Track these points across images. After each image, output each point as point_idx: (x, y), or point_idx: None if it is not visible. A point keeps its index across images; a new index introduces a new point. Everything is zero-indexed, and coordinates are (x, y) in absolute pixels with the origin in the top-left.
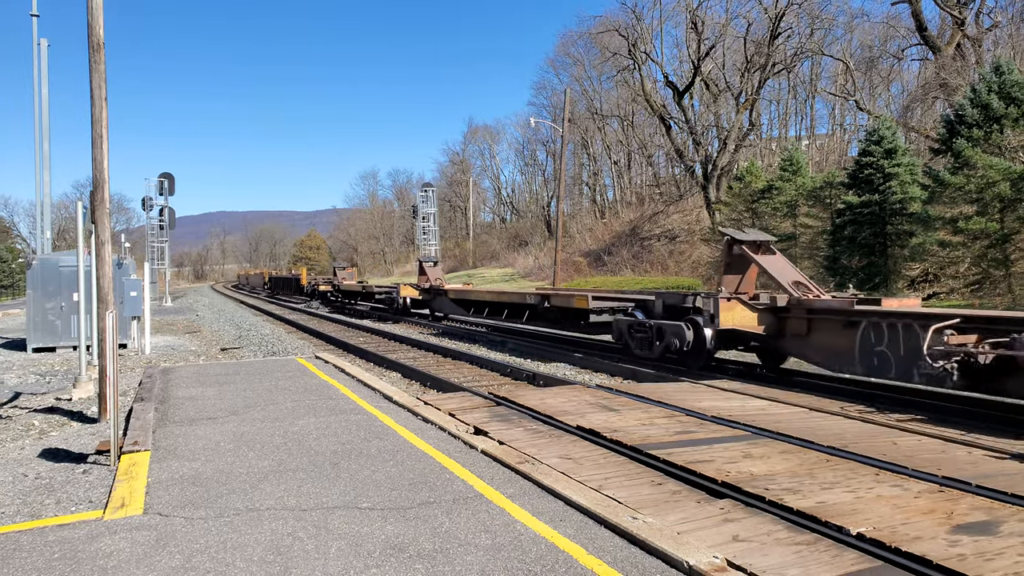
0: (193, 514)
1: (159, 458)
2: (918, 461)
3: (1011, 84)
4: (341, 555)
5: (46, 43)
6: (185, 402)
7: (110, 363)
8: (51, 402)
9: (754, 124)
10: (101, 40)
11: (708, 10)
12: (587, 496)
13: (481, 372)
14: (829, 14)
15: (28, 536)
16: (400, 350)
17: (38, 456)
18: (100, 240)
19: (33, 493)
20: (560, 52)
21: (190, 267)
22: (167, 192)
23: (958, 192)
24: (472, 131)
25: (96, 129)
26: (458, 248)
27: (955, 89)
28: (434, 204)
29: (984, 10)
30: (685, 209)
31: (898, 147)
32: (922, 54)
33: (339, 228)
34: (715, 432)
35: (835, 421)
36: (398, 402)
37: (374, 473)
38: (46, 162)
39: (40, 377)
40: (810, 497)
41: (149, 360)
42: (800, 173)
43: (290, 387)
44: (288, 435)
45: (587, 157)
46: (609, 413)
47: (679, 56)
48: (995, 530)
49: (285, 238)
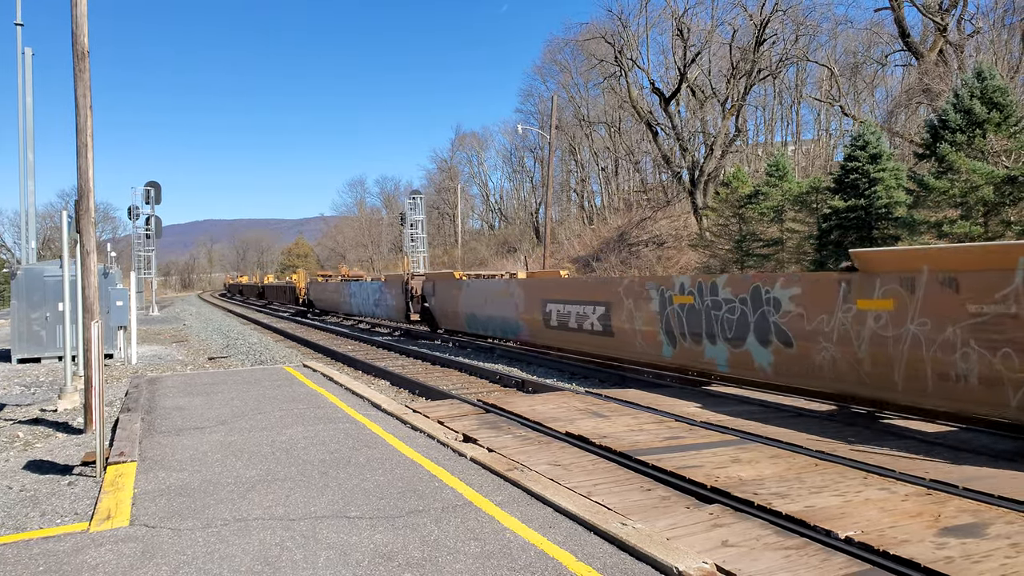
0: (180, 525)
1: (146, 469)
2: (905, 464)
3: (993, 89)
4: (330, 564)
5: (31, 52)
6: (172, 412)
7: (96, 373)
8: (36, 413)
9: (740, 130)
10: (86, 49)
11: (694, 17)
12: (576, 503)
13: (470, 379)
14: (814, 20)
15: (12, 549)
16: (388, 358)
17: (23, 468)
18: (85, 249)
19: (18, 505)
20: (547, 59)
21: (177, 276)
22: (153, 201)
23: (942, 196)
24: (460, 138)
25: (81, 138)
26: (447, 255)
27: (938, 94)
28: (422, 211)
29: (966, 16)
30: (673, 215)
31: (883, 152)
32: (905, 60)
33: (327, 236)
34: (704, 437)
35: (823, 425)
36: (387, 410)
37: (363, 482)
38: (31, 171)
39: (25, 388)
40: (799, 501)
41: (136, 370)
42: (786, 178)
43: (278, 396)
44: (276, 444)
45: (575, 163)
46: (598, 419)
47: (665, 63)
48: (982, 532)
49: (273, 246)
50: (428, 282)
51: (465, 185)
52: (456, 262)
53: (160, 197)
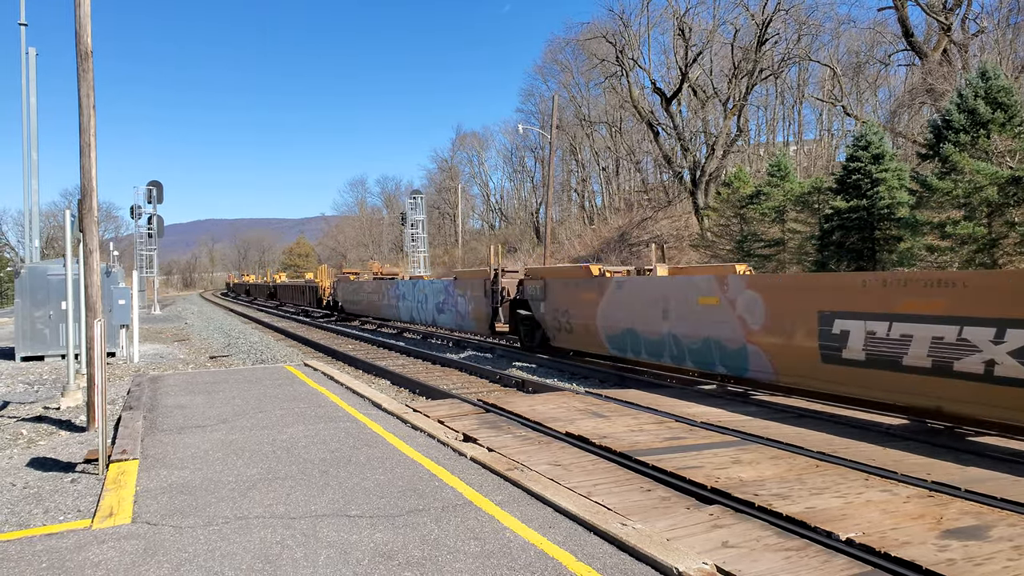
0: (182, 523)
1: (147, 467)
2: (907, 466)
3: (997, 89)
4: (330, 563)
5: (34, 52)
6: (174, 410)
7: (98, 372)
8: (39, 411)
9: (742, 130)
10: (89, 48)
11: (695, 17)
12: (576, 503)
13: (470, 378)
14: (816, 20)
15: (16, 546)
16: (389, 357)
17: (26, 465)
18: (88, 248)
19: (21, 502)
20: (548, 59)
21: (179, 275)
22: (155, 200)
23: (946, 197)
24: (460, 138)
25: (84, 137)
26: (447, 255)
27: (942, 94)
28: (423, 211)
29: (970, 16)
30: (674, 215)
31: (885, 152)
32: (909, 60)
33: (328, 235)
34: (705, 438)
35: (824, 426)
36: (387, 409)
37: (363, 481)
38: (34, 170)
39: (28, 386)
40: (799, 502)
41: (138, 368)
42: (788, 179)
43: (279, 395)
44: (277, 443)
45: (575, 163)
46: (598, 419)
47: (667, 62)
48: (985, 535)
49: (274, 246)
50: (533, 281)
51: (466, 185)
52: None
53: (162, 196)
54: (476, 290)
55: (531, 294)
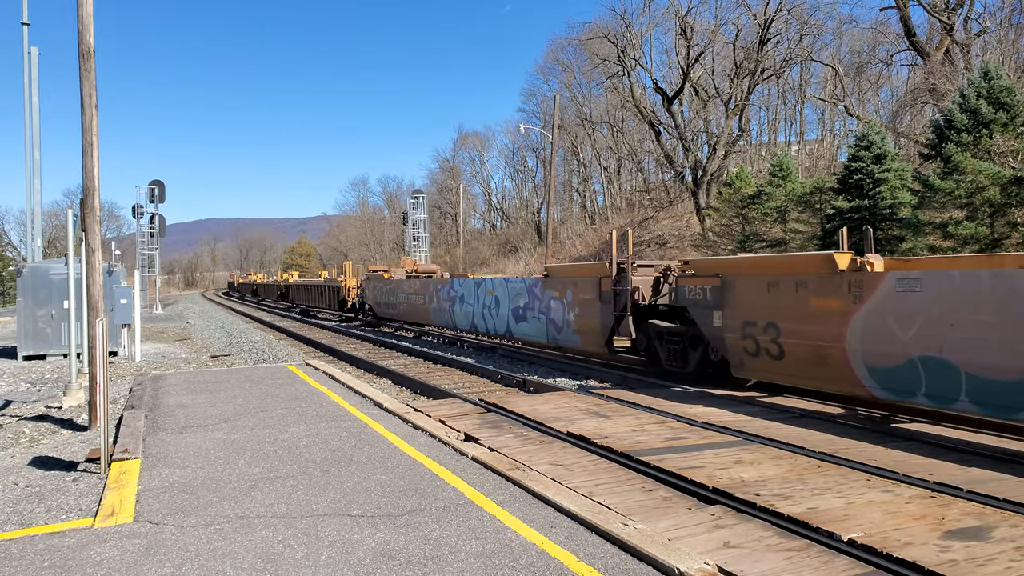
0: (183, 522)
1: (149, 466)
2: (909, 466)
3: (1000, 89)
4: (331, 563)
5: (37, 51)
6: (175, 409)
7: (100, 371)
8: (41, 410)
9: (743, 130)
10: (92, 48)
11: (697, 16)
12: (578, 502)
13: (471, 378)
14: (818, 20)
15: (18, 544)
16: (390, 357)
17: (28, 464)
18: (90, 248)
19: (23, 501)
20: (549, 59)
21: (180, 274)
22: (157, 199)
23: (948, 197)
24: (462, 138)
25: (87, 137)
26: (449, 255)
27: (944, 94)
28: (424, 211)
29: (972, 15)
30: (675, 215)
31: (887, 152)
32: (911, 59)
33: (329, 235)
34: (706, 438)
35: (826, 426)
36: (389, 409)
37: (364, 480)
38: (36, 170)
39: (30, 385)
40: (801, 503)
41: (139, 367)
42: (790, 179)
43: (281, 394)
44: (279, 442)
45: (577, 163)
46: (600, 419)
47: (668, 62)
48: (987, 535)
49: (276, 245)
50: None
51: (467, 185)
52: (458, 262)
53: (164, 196)
54: (584, 291)
55: (694, 299)
